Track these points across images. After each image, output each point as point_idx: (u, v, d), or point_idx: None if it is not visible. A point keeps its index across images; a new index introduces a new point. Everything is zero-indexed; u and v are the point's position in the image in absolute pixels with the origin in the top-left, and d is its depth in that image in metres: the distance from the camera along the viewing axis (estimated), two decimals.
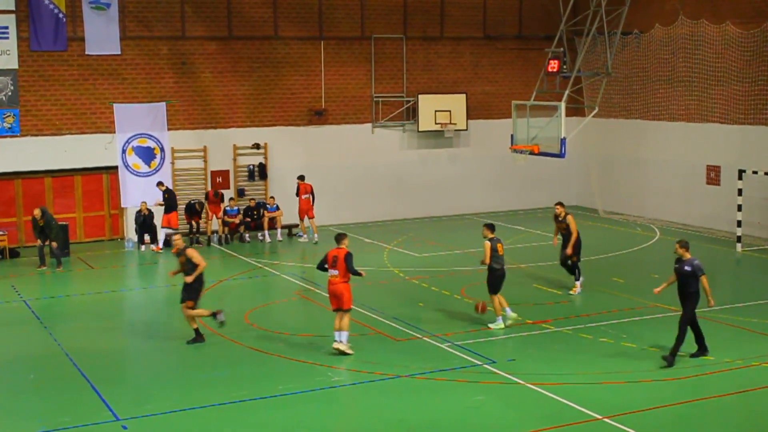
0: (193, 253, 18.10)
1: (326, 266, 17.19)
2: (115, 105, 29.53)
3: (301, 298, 22.19)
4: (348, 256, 16.96)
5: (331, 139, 32.26)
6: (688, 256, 16.34)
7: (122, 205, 29.91)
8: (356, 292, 18.98)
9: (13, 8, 28.02)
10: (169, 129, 30.23)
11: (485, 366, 16.42)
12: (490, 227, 19.04)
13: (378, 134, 32.86)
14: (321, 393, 15.25)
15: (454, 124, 33.16)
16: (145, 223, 28.75)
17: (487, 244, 18.83)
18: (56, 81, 28.82)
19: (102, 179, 29.93)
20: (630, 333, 18.41)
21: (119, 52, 29.42)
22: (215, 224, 29.59)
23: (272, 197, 30.44)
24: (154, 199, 28.97)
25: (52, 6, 28.36)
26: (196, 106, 30.58)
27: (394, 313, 20.06)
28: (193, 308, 18.06)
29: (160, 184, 28.92)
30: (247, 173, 31.28)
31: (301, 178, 29.65)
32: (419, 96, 32.95)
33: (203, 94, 30.63)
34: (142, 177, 29.92)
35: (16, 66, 28.27)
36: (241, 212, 29.89)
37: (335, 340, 17.21)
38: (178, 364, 17.37)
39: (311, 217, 29.37)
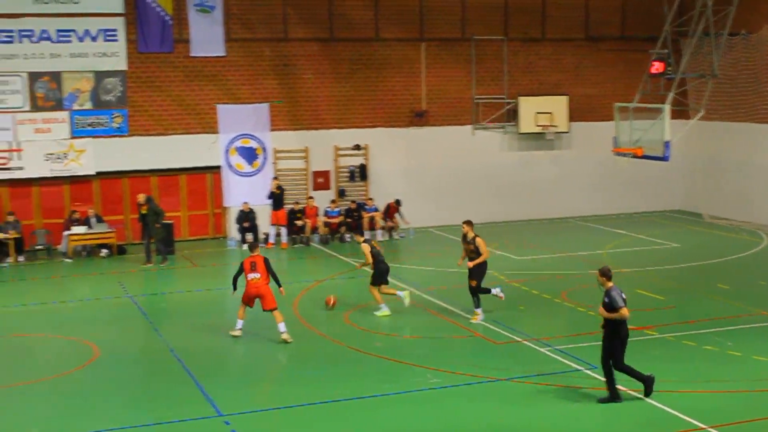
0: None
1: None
2: (218, 106, 30.06)
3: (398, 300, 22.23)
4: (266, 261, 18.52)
5: (432, 140, 32.25)
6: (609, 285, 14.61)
7: (224, 205, 30.43)
8: (457, 293, 18.95)
9: (122, 11, 28.76)
10: (271, 130, 30.64)
11: (585, 371, 16.22)
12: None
13: (478, 136, 32.71)
14: (418, 395, 15.26)
15: (555, 126, 32.85)
16: (247, 222, 29.26)
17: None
18: (162, 82, 29.48)
19: (206, 179, 30.49)
20: (736, 341, 17.99)
21: (223, 54, 29.94)
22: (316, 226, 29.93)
23: (371, 198, 30.62)
24: (256, 198, 29.46)
25: (159, 9, 29.01)
26: (298, 107, 30.91)
27: (494, 316, 19.96)
28: None
29: (275, 179, 29.53)
30: (348, 174, 31.50)
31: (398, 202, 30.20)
32: (520, 98, 32.72)
33: (305, 95, 30.96)
34: (244, 177, 30.39)
35: (124, 67, 29.01)
36: (342, 213, 30.15)
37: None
38: (278, 362, 17.60)
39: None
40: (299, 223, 29.54)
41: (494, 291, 20.20)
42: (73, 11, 28.33)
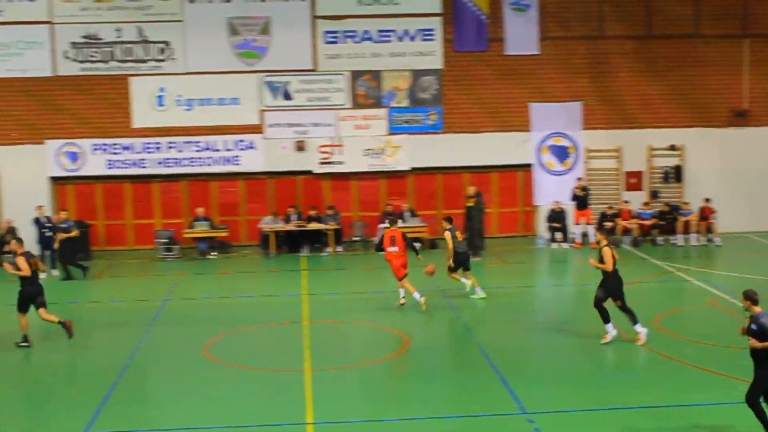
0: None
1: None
2: (531, 104, 30.10)
3: (714, 307, 21.30)
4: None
5: (753, 141, 30.59)
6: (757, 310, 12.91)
7: (535, 203, 30.44)
8: None
9: (440, 11, 29.47)
10: (583, 128, 30.30)
11: None
12: None
13: None
14: (730, 407, 14.52)
15: None
16: (557, 221, 29.14)
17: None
18: (476, 81, 29.92)
19: (516, 176, 30.64)
20: None
21: (537, 52, 29.94)
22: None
23: (686, 202, 29.55)
24: (564, 197, 29.28)
25: (474, 8, 29.47)
26: (612, 106, 30.36)
27: None
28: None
29: (579, 179, 29.28)
30: (662, 175, 30.56)
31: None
32: None
33: (619, 93, 30.35)
34: (555, 175, 30.26)
35: (440, 66, 29.72)
36: (655, 215, 29.31)
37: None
38: (585, 363, 17.36)
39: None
40: (609, 224, 28.98)
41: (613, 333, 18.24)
42: (394, 12, 29.38)
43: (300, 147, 29.64)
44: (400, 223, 28.46)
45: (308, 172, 30.08)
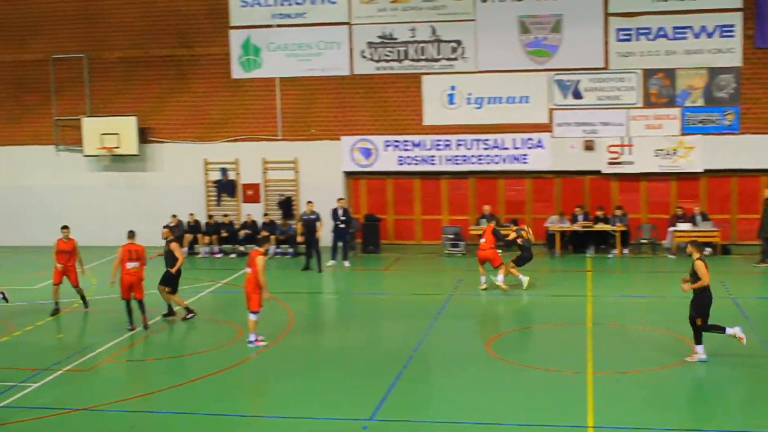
0: None
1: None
2: None
3: None
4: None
5: None
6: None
7: None
8: None
9: (740, 6, 28.12)
10: None
11: None
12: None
13: None
14: None
15: None
16: None
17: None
18: None
19: None
20: None
21: None
22: None
23: None
24: None
25: None
26: None
27: None
28: None
29: None
30: None
31: None
32: None
33: None
34: None
35: (739, 63, 28.37)
36: None
37: None
38: None
39: None
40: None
41: (730, 331, 17.04)
42: (691, 8, 28.35)
43: (588, 146, 29.26)
44: (688, 227, 27.58)
45: (596, 172, 29.64)
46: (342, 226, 27.60)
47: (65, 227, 22.26)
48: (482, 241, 23.89)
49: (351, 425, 14.24)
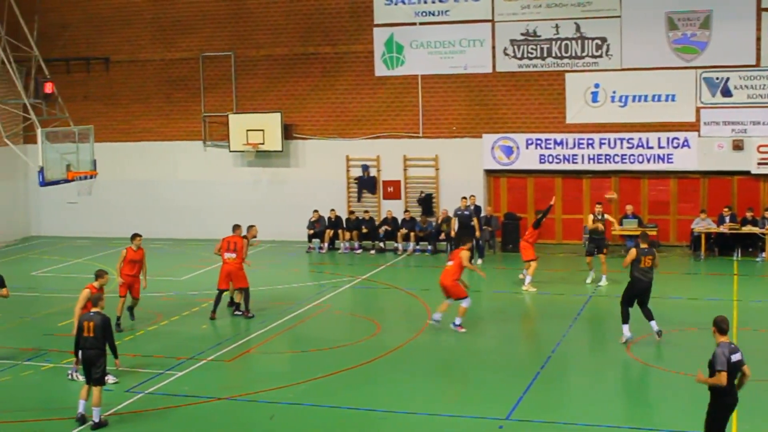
0: None
1: None
2: None
3: None
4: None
5: None
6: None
7: None
8: None
9: None
10: None
11: None
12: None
13: None
14: None
15: None
16: None
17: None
18: None
19: None
20: None
21: None
22: None
23: None
24: None
25: None
26: None
27: None
28: None
29: None
30: None
31: None
32: None
33: None
34: None
35: None
36: None
37: None
38: None
39: None
40: None
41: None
42: None
43: (737, 146, 28.35)
44: None
45: (745, 173, 28.70)
46: (471, 223, 27.49)
47: (137, 235, 20.56)
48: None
49: (487, 424, 14.22)
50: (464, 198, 28.05)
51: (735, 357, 11.77)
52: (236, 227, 21.64)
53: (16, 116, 30.00)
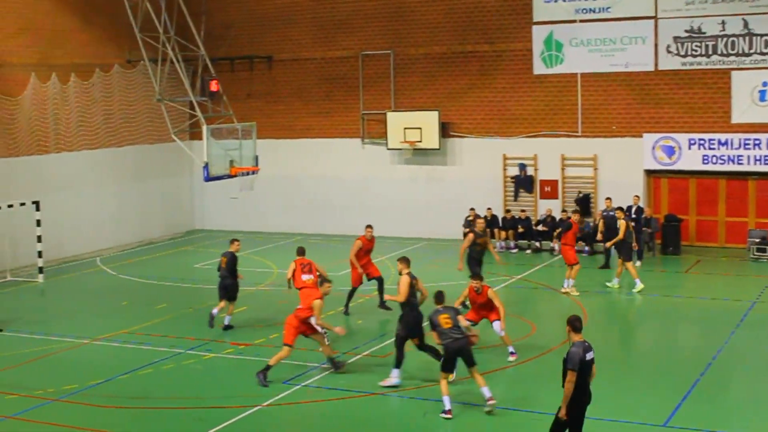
0: None
1: None
2: None
3: None
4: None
5: None
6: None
7: None
8: None
9: None
10: None
11: None
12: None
13: None
14: None
15: None
16: None
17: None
18: None
19: None
20: None
21: None
22: None
23: None
24: None
25: None
26: None
27: None
28: None
29: None
30: None
31: None
32: None
33: None
34: None
35: None
36: None
37: None
38: None
39: None
40: None
41: None
42: None
43: None
44: None
45: None
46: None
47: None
48: None
49: (645, 430, 13.93)
50: (608, 198, 27.56)
51: (589, 356, 12.00)
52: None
53: (183, 113, 30.99)
